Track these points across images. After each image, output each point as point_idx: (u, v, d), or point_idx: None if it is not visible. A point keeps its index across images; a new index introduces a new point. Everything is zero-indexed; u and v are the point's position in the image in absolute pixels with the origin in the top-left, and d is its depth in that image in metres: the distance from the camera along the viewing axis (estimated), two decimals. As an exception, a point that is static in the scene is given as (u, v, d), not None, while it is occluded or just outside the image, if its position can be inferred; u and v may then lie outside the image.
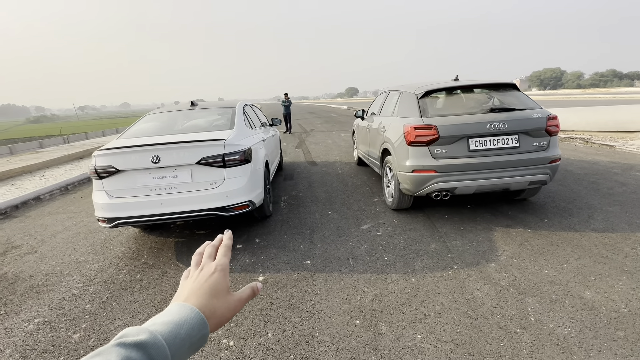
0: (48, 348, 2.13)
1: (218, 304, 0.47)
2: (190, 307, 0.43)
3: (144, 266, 3.12)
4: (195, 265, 0.53)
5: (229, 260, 0.53)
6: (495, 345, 1.91)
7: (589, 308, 2.16)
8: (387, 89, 5.25)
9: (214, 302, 0.46)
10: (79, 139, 17.13)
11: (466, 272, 2.68)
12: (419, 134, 3.44)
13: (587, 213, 3.67)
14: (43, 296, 2.73)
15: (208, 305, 0.46)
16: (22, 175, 7.62)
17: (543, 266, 2.69)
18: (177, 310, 0.43)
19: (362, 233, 3.55)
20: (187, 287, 0.49)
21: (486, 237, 3.26)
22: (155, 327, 0.39)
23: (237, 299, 0.49)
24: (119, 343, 0.36)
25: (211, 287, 0.47)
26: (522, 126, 3.38)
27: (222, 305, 0.47)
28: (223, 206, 3.18)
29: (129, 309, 2.48)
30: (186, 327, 0.41)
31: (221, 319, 0.47)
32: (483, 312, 2.20)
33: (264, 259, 3.12)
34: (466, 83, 3.88)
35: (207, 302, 0.46)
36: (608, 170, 5.31)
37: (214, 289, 0.47)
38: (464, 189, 3.45)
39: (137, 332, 0.38)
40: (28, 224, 4.53)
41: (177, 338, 0.40)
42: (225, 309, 0.47)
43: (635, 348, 1.83)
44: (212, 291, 0.47)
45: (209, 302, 0.46)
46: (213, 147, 3.15)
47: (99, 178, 3.13)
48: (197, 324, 0.42)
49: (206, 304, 0.45)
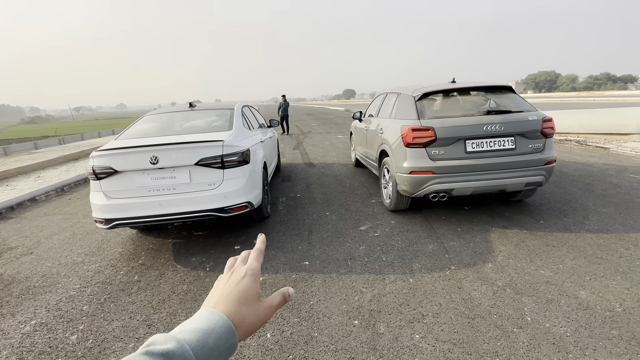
0: (45, 349, 2.11)
1: (247, 311, 0.45)
2: (219, 315, 0.42)
3: (141, 267, 3.11)
4: (228, 269, 0.52)
5: (260, 265, 0.51)
6: (492, 345, 1.93)
7: (584, 308, 2.19)
8: (385, 91, 5.29)
9: (243, 310, 0.44)
10: (75, 140, 17.01)
11: (463, 273, 2.70)
12: (416, 136, 3.47)
13: (582, 214, 3.72)
14: (40, 298, 2.71)
15: (237, 312, 0.44)
16: (17, 176, 7.55)
17: (539, 266, 2.72)
18: (206, 316, 0.42)
19: (360, 234, 3.56)
20: (218, 291, 0.47)
21: (483, 238, 3.28)
22: (183, 335, 0.38)
23: (267, 306, 0.47)
24: (146, 352, 0.35)
25: (240, 293, 0.46)
26: (518, 128, 3.42)
27: (252, 313, 0.45)
28: (221, 207, 3.18)
29: (127, 310, 2.47)
30: (214, 335, 0.39)
31: (250, 327, 0.45)
32: (480, 312, 2.22)
33: (262, 260, 3.12)
34: (463, 85, 3.92)
35: (236, 309, 0.44)
36: (602, 172, 5.37)
37: (243, 295, 0.45)
38: (461, 190, 3.48)
39: (164, 340, 0.37)
40: (24, 225, 4.50)
41: (205, 347, 0.38)
42: (254, 317, 0.45)
43: (629, 347, 1.86)
44: (242, 298, 0.45)
45: (237, 309, 0.44)
46: (212, 148, 3.15)
47: (97, 179, 3.12)
48: (226, 332, 0.41)
49: (235, 312, 0.44)
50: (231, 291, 0.46)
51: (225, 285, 0.47)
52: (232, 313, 0.43)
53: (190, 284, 2.77)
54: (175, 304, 2.52)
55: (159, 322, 2.31)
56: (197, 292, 2.65)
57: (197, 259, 3.20)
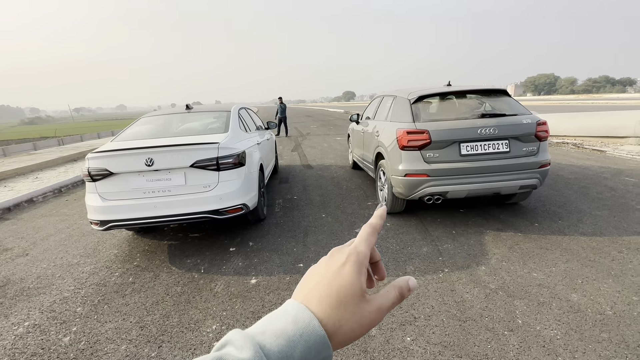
0: (37, 351, 2.12)
1: (346, 314, 0.33)
2: (310, 316, 0.32)
3: (136, 269, 3.12)
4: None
5: (370, 248, 0.37)
6: (483, 347, 1.94)
7: (575, 310, 2.20)
8: (382, 93, 5.31)
9: (341, 312, 0.33)
10: (74, 141, 17.02)
11: (456, 275, 2.71)
12: (411, 139, 3.49)
13: (576, 217, 3.73)
14: (34, 299, 2.72)
15: (332, 316, 0.33)
16: (15, 177, 7.56)
17: (532, 269, 2.73)
18: (294, 316, 0.32)
19: (355, 236, 3.56)
20: (315, 276, 0.36)
21: (477, 241, 3.30)
22: (264, 339, 0.31)
23: (375, 307, 0.34)
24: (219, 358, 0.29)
25: (339, 288, 0.34)
26: (512, 131, 3.44)
27: (352, 317, 0.33)
28: (216, 209, 3.20)
29: (120, 312, 2.48)
30: (301, 346, 0.31)
31: (349, 335, 0.33)
32: (472, 314, 2.23)
33: (257, 262, 3.13)
34: (458, 89, 3.94)
35: (332, 311, 0.33)
36: (598, 175, 5.39)
37: (342, 292, 0.34)
38: (455, 193, 3.49)
39: (242, 344, 0.30)
40: (20, 227, 4.50)
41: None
42: (356, 321, 0.33)
43: (618, 350, 1.86)
44: (340, 295, 0.33)
45: (334, 311, 0.33)
46: (207, 150, 3.17)
47: (92, 180, 3.13)
48: (316, 343, 0.31)
49: (330, 314, 0.33)
50: (328, 283, 0.34)
51: (322, 272, 0.36)
52: (325, 316, 0.33)
53: (184, 286, 2.78)
54: (169, 305, 2.52)
55: (152, 324, 2.31)
56: (190, 294, 2.66)
57: (192, 261, 3.21)
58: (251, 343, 0.30)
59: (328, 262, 0.37)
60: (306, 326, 0.31)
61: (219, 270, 3.02)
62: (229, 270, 3.01)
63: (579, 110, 17.92)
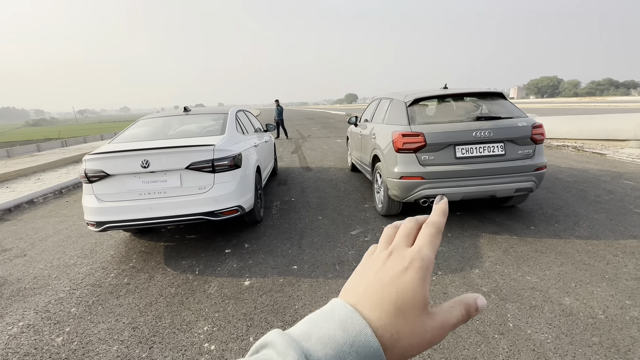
0: (30, 351, 2.14)
1: (406, 326, 0.28)
2: (361, 323, 0.28)
3: (132, 270, 3.14)
4: (384, 243, 0.34)
5: (435, 252, 0.32)
6: (472, 351, 1.94)
7: (567, 314, 2.19)
8: (380, 96, 5.33)
9: (400, 323, 0.28)
10: (77, 143, 17.17)
11: (450, 278, 2.71)
12: (406, 141, 3.49)
13: (573, 220, 3.71)
14: (29, 299, 2.74)
15: (389, 326, 0.28)
16: (18, 179, 7.63)
17: (526, 272, 2.72)
18: (342, 321, 0.28)
19: (350, 239, 3.57)
20: (366, 278, 0.32)
21: (472, 244, 3.29)
22: (309, 346, 0.27)
23: (439, 324, 0.29)
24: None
25: (399, 295, 0.29)
26: (507, 134, 3.44)
27: (412, 331, 0.28)
28: (212, 211, 3.21)
29: (114, 312, 2.49)
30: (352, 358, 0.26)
31: (407, 350, 0.28)
32: (463, 317, 2.22)
33: (251, 263, 3.14)
34: (454, 91, 3.95)
35: (390, 320, 0.28)
36: (597, 178, 5.37)
37: (403, 300, 0.29)
38: (450, 196, 3.49)
39: (284, 349, 0.26)
40: (19, 227, 4.54)
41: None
42: (417, 336, 0.29)
43: (609, 354, 1.85)
44: (399, 302, 0.29)
45: (392, 320, 0.28)
46: (202, 152, 3.19)
47: (89, 182, 3.16)
48: (369, 355, 0.27)
49: (387, 324, 0.28)
50: (382, 288, 0.30)
51: (377, 273, 0.31)
52: (381, 324, 0.28)
53: (179, 287, 2.79)
54: (162, 306, 2.54)
55: (144, 325, 2.33)
56: (184, 296, 2.67)
57: (187, 262, 3.23)
58: (294, 350, 0.26)
59: (384, 264, 0.31)
60: (357, 335, 0.27)
61: (214, 271, 3.03)
62: (223, 271, 3.02)
63: (582, 113, 17.85)
